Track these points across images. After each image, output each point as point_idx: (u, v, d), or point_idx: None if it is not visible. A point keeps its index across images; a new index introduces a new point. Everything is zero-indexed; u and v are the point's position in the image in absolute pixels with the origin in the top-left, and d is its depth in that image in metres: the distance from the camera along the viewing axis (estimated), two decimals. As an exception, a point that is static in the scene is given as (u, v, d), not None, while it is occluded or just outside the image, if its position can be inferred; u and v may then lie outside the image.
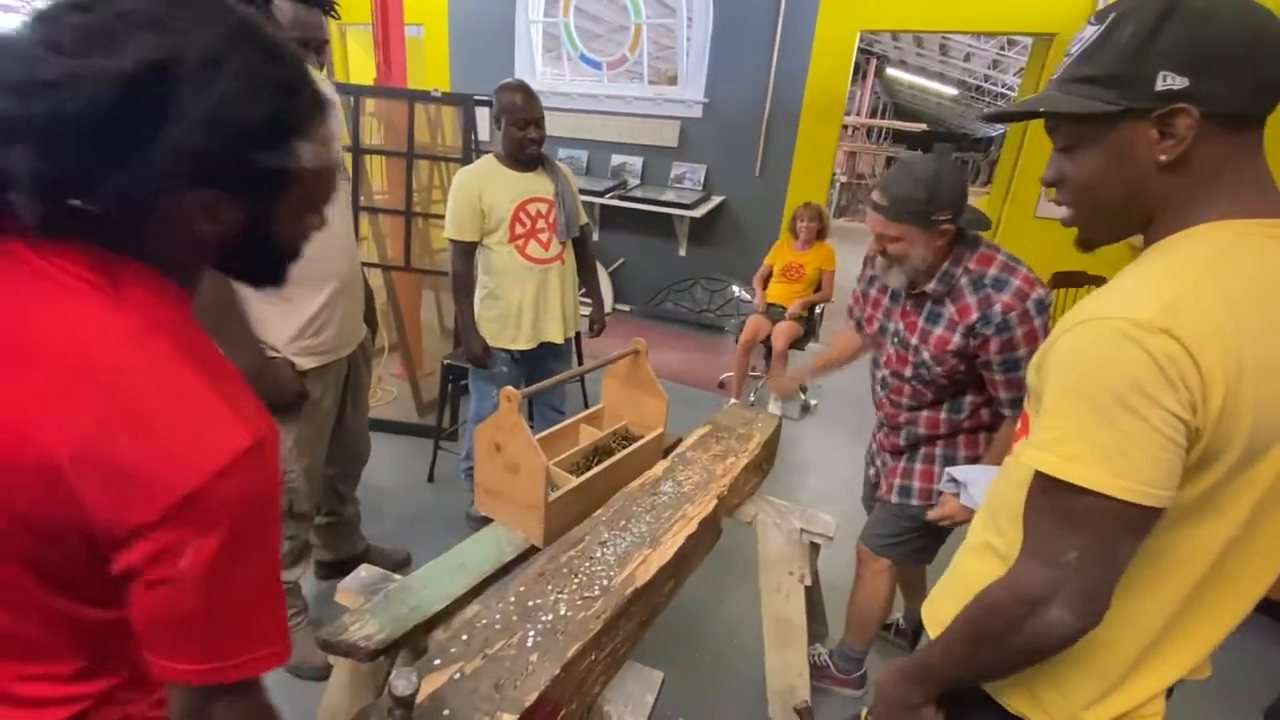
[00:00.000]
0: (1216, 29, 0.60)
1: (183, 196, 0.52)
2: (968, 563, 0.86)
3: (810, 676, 1.66)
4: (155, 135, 0.48)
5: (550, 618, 1.03)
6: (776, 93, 4.28)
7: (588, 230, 2.35)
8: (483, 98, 2.60)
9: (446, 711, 0.85)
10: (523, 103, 2.02)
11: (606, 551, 1.21)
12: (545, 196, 2.14)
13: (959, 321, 1.38)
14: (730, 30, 4.33)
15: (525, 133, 2.05)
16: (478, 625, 1.01)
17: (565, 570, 1.15)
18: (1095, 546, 0.64)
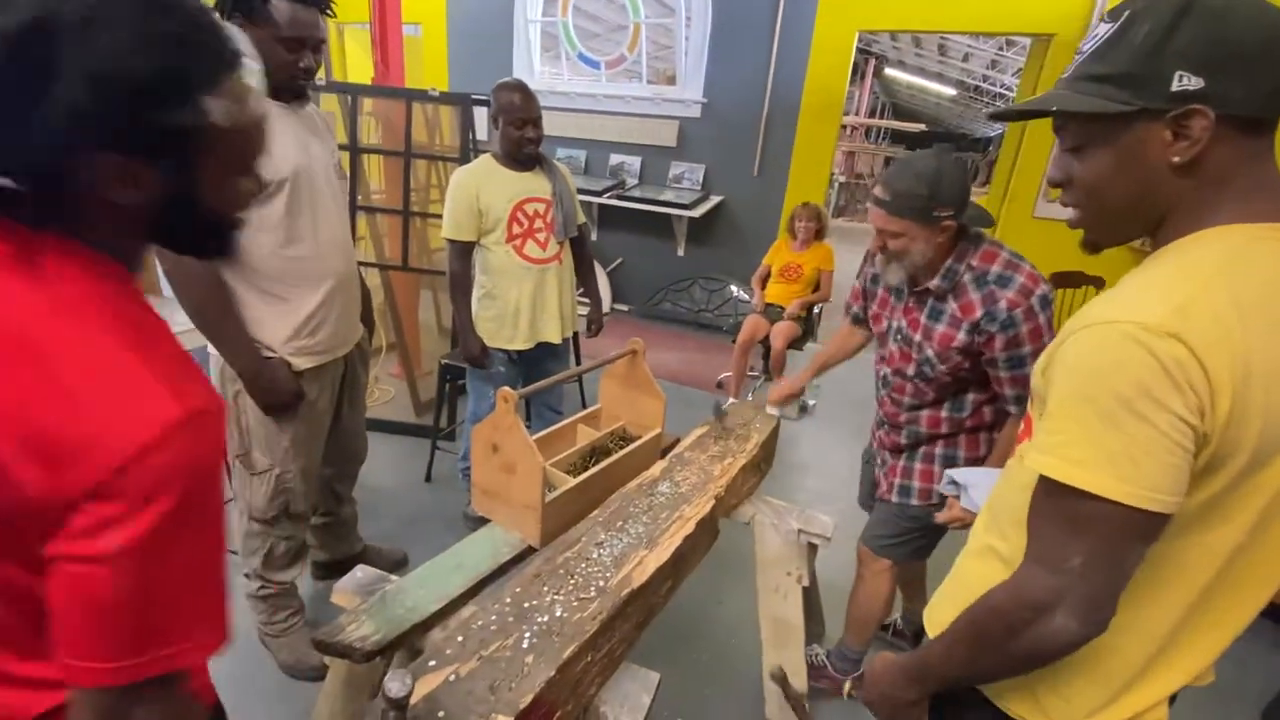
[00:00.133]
0: (1234, 29, 0.59)
1: (90, 162, 0.51)
2: (969, 566, 0.85)
3: (808, 677, 1.66)
4: (44, 98, 0.47)
5: (546, 619, 1.03)
6: (775, 92, 4.28)
7: (585, 230, 2.35)
8: (481, 97, 2.59)
9: (441, 713, 0.84)
10: (520, 102, 2.02)
11: (603, 552, 1.21)
12: (543, 196, 2.14)
13: (963, 318, 1.38)
14: (729, 30, 4.33)
15: (523, 132, 2.04)
16: (473, 626, 1.01)
17: (562, 571, 1.15)
18: (1100, 552, 0.63)
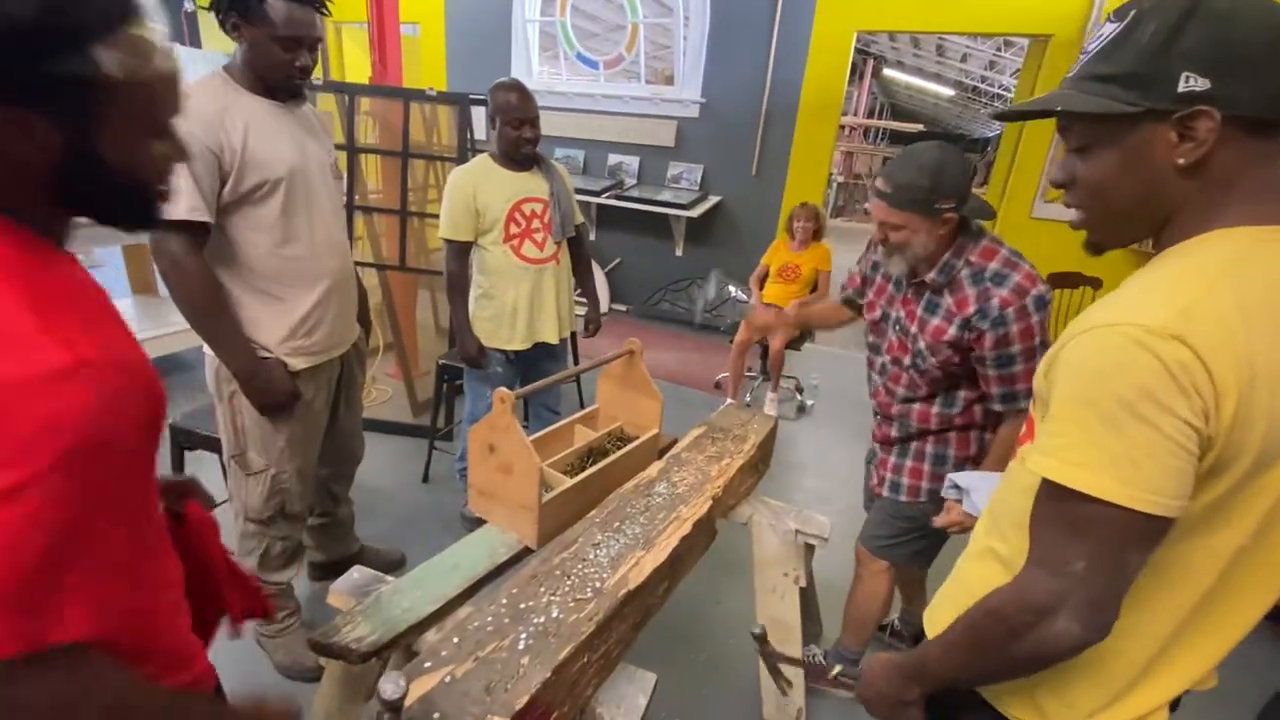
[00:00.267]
0: (1240, 30, 0.58)
1: None
2: (970, 569, 0.85)
3: (805, 677, 1.65)
4: None
5: (542, 620, 1.03)
6: (773, 93, 4.28)
7: (583, 230, 2.34)
8: (478, 97, 2.59)
9: (436, 715, 0.84)
10: (518, 102, 2.01)
11: (600, 553, 1.21)
12: (540, 196, 2.13)
13: (956, 313, 1.38)
14: (727, 30, 4.33)
15: (520, 132, 2.04)
16: (469, 627, 1.00)
17: (558, 572, 1.15)
18: (1103, 556, 0.63)
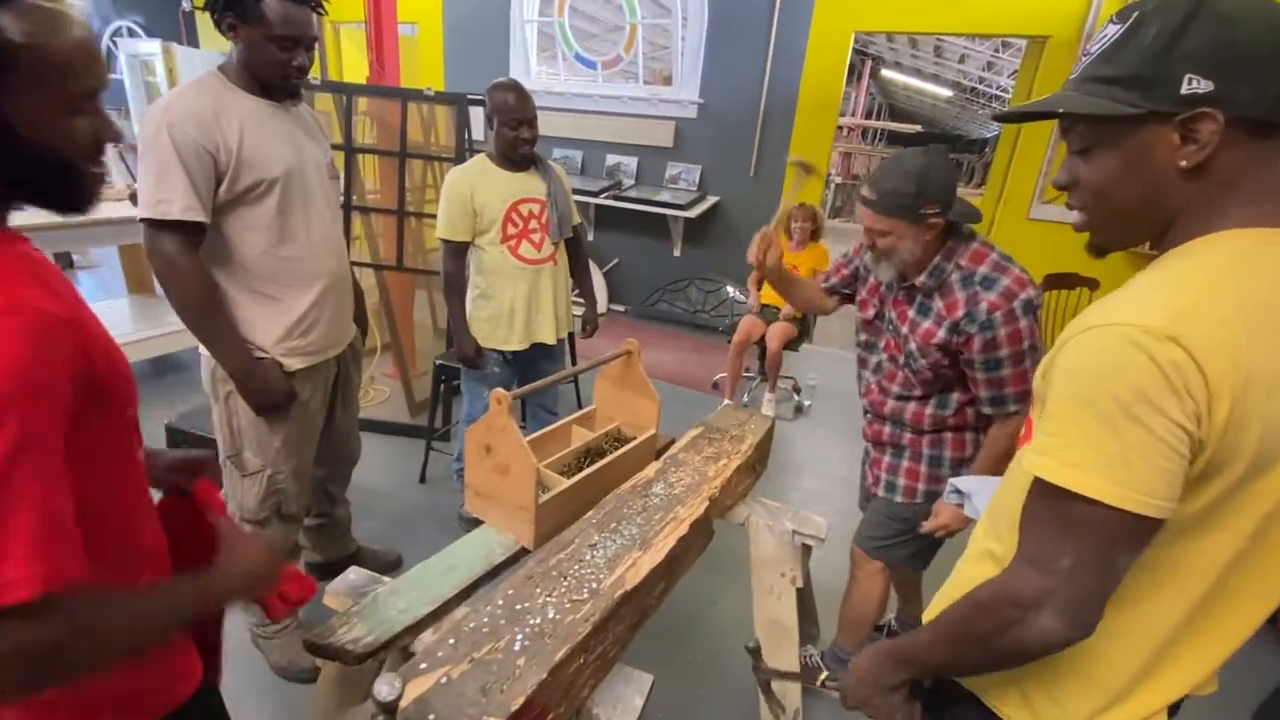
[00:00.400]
0: (1243, 31, 0.58)
1: None
2: (968, 570, 0.85)
3: (802, 678, 1.65)
4: None
5: (539, 621, 1.03)
6: (771, 93, 4.28)
7: (581, 230, 2.34)
8: (476, 97, 2.59)
9: (432, 716, 0.84)
10: (515, 102, 2.01)
11: (596, 554, 1.21)
12: (537, 197, 2.13)
13: (945, 316, 1.38)
14: (725, 30, 4.33)
15: (518, 133, 2.04)
16: (465, 628, 1.00)
17: (554, 573, 1.15)
18: (1090, 555, 0.63)
